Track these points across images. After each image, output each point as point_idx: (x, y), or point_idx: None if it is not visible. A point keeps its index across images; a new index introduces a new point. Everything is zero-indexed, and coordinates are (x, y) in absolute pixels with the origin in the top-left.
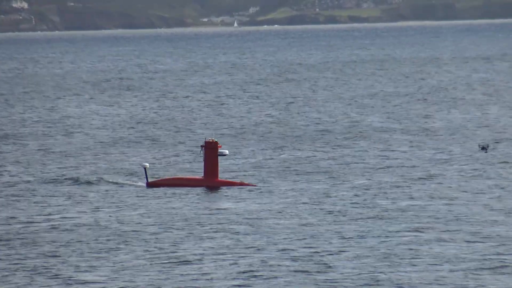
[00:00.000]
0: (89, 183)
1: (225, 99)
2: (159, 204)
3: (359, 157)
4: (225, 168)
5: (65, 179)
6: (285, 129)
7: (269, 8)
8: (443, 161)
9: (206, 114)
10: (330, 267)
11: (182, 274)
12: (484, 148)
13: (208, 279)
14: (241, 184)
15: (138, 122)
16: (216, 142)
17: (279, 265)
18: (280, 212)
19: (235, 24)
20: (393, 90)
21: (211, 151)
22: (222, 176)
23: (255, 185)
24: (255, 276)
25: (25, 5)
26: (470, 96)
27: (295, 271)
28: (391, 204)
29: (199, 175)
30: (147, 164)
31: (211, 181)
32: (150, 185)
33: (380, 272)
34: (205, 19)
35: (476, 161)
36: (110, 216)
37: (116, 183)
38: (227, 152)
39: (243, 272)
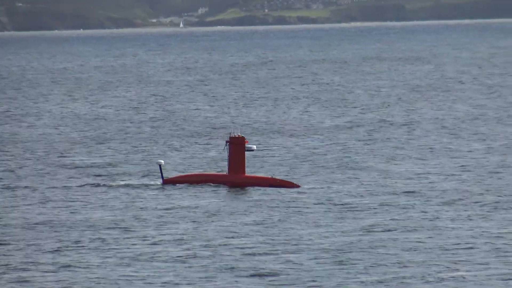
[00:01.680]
0: (103, 183)
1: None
2: (175, 202)
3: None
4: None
5: (80, 179)
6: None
7: (218, 9)
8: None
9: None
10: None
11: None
12: None
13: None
14: (273, 180)
15: (151, 118)
16: (242, 138)
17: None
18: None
19: (181, 25)
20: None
21: (237, 146)
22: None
23: (292, 183)
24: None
25: None
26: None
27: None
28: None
29: (222, 172)
30: (162, 161)
31: (237, 177)
32: (166, 182)
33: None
34: (154, 20)
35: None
36: (126, 215)
37: (131, 182)
38: (254, 147)
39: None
